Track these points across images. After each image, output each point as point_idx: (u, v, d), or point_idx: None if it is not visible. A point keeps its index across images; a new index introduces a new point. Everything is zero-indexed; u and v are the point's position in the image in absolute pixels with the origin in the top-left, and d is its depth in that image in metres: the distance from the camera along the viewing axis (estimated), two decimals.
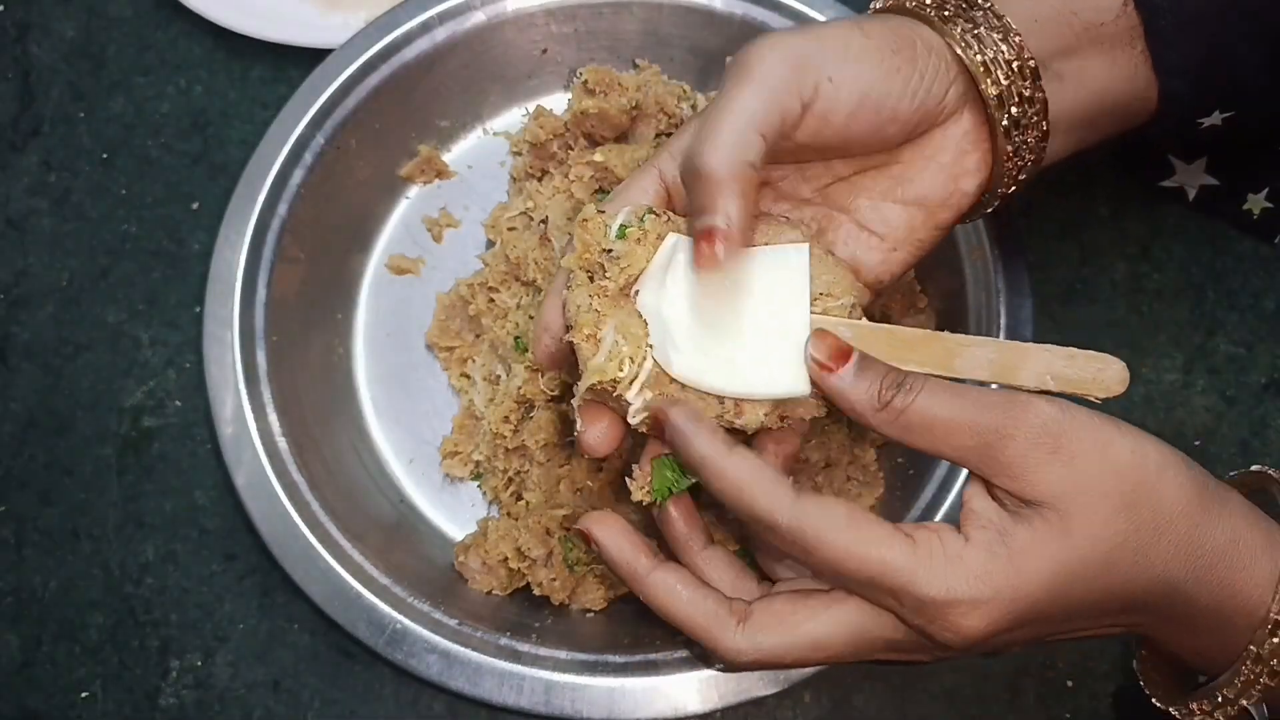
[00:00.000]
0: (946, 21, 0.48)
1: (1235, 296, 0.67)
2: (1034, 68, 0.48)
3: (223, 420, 0.59)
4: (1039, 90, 0.48)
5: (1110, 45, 0.50)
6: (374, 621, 0.56)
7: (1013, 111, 0.48)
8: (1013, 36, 0.48)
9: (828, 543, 0.42)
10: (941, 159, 0.49)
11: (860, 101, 0.46)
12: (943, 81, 0.48)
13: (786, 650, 0.44)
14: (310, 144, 0.64)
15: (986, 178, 0.50)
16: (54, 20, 0.74)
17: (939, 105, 0.48)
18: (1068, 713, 0.60)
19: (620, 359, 0.45)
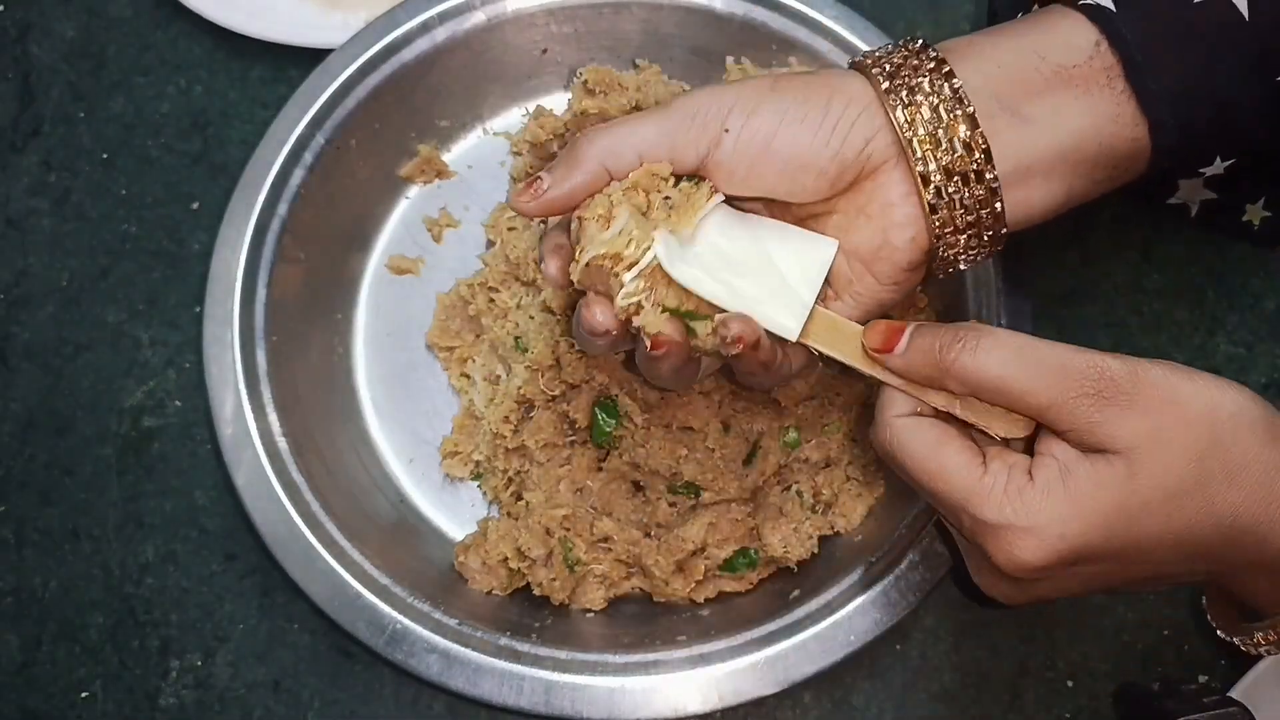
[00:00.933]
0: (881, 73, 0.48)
1: (1235, 297, 0.67)
2: (971, 113, 0.47)
3: (223, 420, 0.59)
4: (978, 135, 0.47)
5: (1085, 87, 0.48)
6: (374, 621, 0.56)
7: (943, 160, 0.47)
8: (951, 81, 0.47)
9: (908, 451, 0.45)
10: (869, 210, 0.48)
11: (763, 149, 0.47)
12: (863, 130, 0.47)
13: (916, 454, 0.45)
14: (310, 144, 0.64)
15: (923, 229, 0.48)
16: (54, 20, 0.74)
17: (859, 155, 0.47)
18: (1068, 713, 0.60)
19: (629, 238, 0.46)
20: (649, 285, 0.46)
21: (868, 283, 0.49)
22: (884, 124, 0.47)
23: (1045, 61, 0.48)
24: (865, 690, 0.60)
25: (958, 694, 0.60)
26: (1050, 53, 0.48)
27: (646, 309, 0.46)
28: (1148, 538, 0.43)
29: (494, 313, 0.64)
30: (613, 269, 0.45)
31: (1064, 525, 0.42)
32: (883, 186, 0.48)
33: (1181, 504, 0.42)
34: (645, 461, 0.59)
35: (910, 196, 0.48)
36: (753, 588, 0.60)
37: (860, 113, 0.47)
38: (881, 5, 0.72)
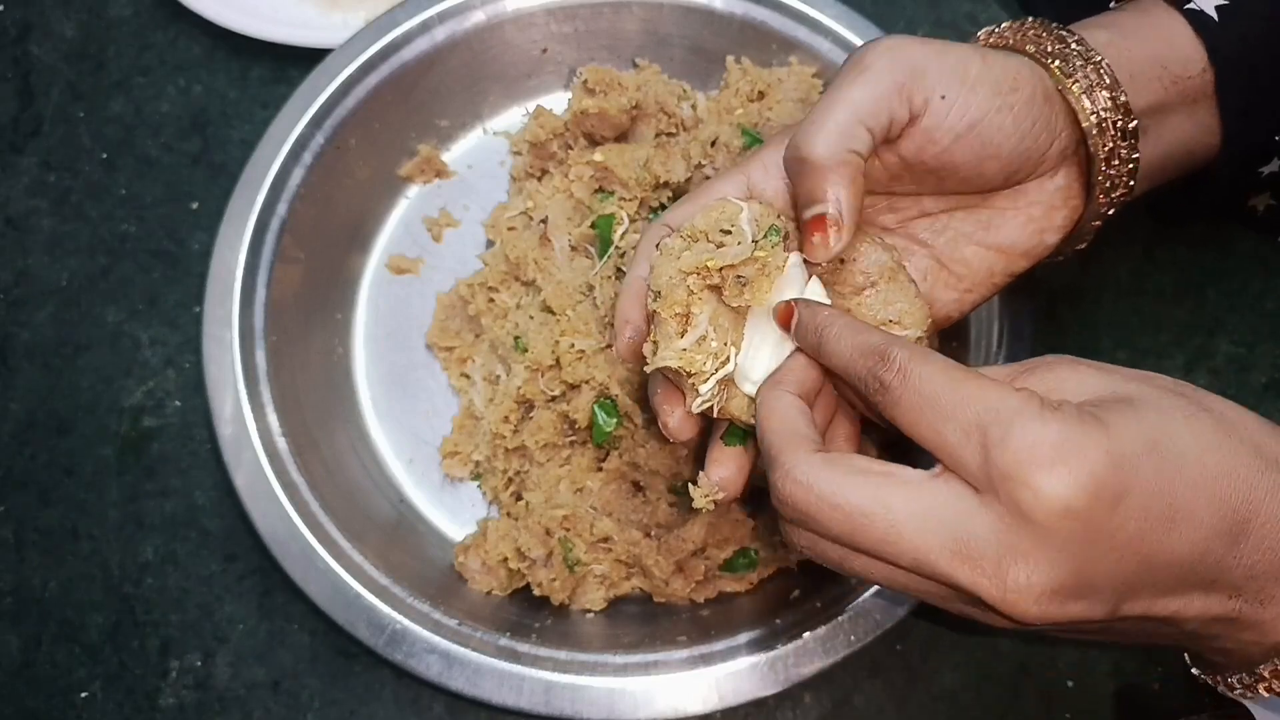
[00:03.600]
0: (1068, 77, 0.48)
1: (1236, 297, 0.66)
2: (1134, 129, 0.48)
3: (222, 420, 0.59)
4: (1135, 151, 0.48)
5: (1194, 99, 0.50)
6: (374, 622, 0.56)
7: (1110, 172, 0.48)
8: (1119, 95, 0.48)
9: (927, 379, 0.39)
10: (1033, 211, 0.50)
11: (969, 128, 0.46)
12: (1050, 132, 0.47)
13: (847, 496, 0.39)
14: (310, 144, 0.64)
15: (1069, 233, 0.50)
16: (54, 20, 0.74)
17: (1041, 155, 0.48)
18: (1068, 713, 0.60)
19: (708, 353, 0.45)
20: (722, 389, 0.46)
21: (1004, 275, 0.50)
22: (1065, 126, 0.48)
23: (1166, 72, 0.50)
24: (866, 690, 0.60)
25: (958, 694, 0.60)
26: (1171, 64, 0.50)
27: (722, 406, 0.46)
28: (1186, 478, 0.38)
29: (494, 313, 0.64)
30: (689, 379, 0.45)
31: (1110, 444, 0.37)
32: (1047, 189, 0.49)
33: (1207, 445, 0.38)
34: (645, 461, 0.59)
35: (1071, 202, 0.49)
36: (753, 588, 0.60)
37: (1053, 114, 0.47)
38: (881, 5, 0.72)
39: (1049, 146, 0.48)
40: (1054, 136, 0.48)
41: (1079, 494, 0.36)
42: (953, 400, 0.38)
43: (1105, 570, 0.38)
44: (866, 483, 0.39)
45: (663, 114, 0.65)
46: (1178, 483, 0.38)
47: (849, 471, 0.40)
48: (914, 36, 0.47)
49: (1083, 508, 0.36)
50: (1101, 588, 0.38)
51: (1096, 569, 0.38)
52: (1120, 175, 0.49)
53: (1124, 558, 0.38)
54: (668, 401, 0.47)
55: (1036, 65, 0.48)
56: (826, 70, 0.65)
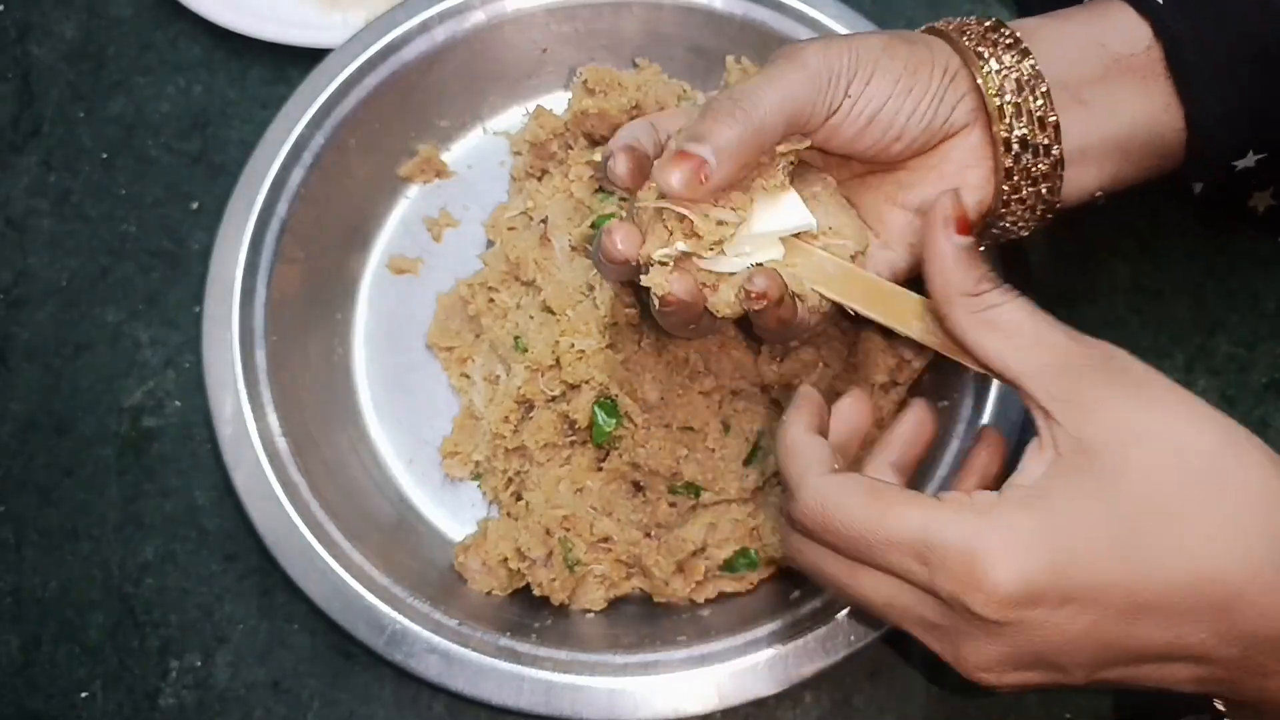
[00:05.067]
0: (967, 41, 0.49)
1: (1236, 296, 0.66)
2: (1045, 90, 0.48)
3: (222, 420, 0.59)
4: (1050, 111, 0.48)
5: (1141, 75, 0.50)
6: (374, 622, 0.56)
7: (1019, 129, 0.49)
8: (1027, 60, 0.49)
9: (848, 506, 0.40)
10: (945, 170, 0.50)
11: (869, 120, 0.48)
12: (950, 100, 0.49)
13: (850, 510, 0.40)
14: (310, 144, 0.64)
15: (989, 196, 0.50)
16: (54, 20, 0.74)
17: (944, 123, 0.49)
18: (1068, 713, 0.60)
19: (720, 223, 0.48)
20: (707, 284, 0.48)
21: (916, 234, 0.51)
22: (968, 90, 0.49)
23: (1105, 49, 0.50)
24: (866, 690, 0.60)
25: (958, 694, 0.60)
26: (1110, 42, 0.50)
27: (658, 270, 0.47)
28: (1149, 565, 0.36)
29: (494, 313, 0.64)
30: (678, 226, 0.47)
31: (1044, 536, 0.36)
32: (959, 149, 0.50)
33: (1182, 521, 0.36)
34: (645, 461, 0.59)
35: (985, 161, 0.50)
36: (753, 588, 0.60)
37: (951, 81, 0.49)
38: (881, 5, 0.72)
39: (950, 113, 0.49)
40: (955, 102, 0.49)
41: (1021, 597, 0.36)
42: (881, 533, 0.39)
43: (1065, 654, 0.38)
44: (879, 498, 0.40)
45: None
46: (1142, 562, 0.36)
47: (859, 487, 0.41)
48: (832, 38, 0.50)
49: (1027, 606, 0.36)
50: (1065, 666, 0.39)
51: (1053, 652, 0.38)
52: (1035, 134, 0.49)
53: (1083, 645, 0.38)
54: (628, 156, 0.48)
55: (944, 44, 0.50)
56: None
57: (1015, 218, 0.51)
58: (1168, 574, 0.36)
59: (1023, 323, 0.41)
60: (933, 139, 0.50)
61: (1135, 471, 0.37)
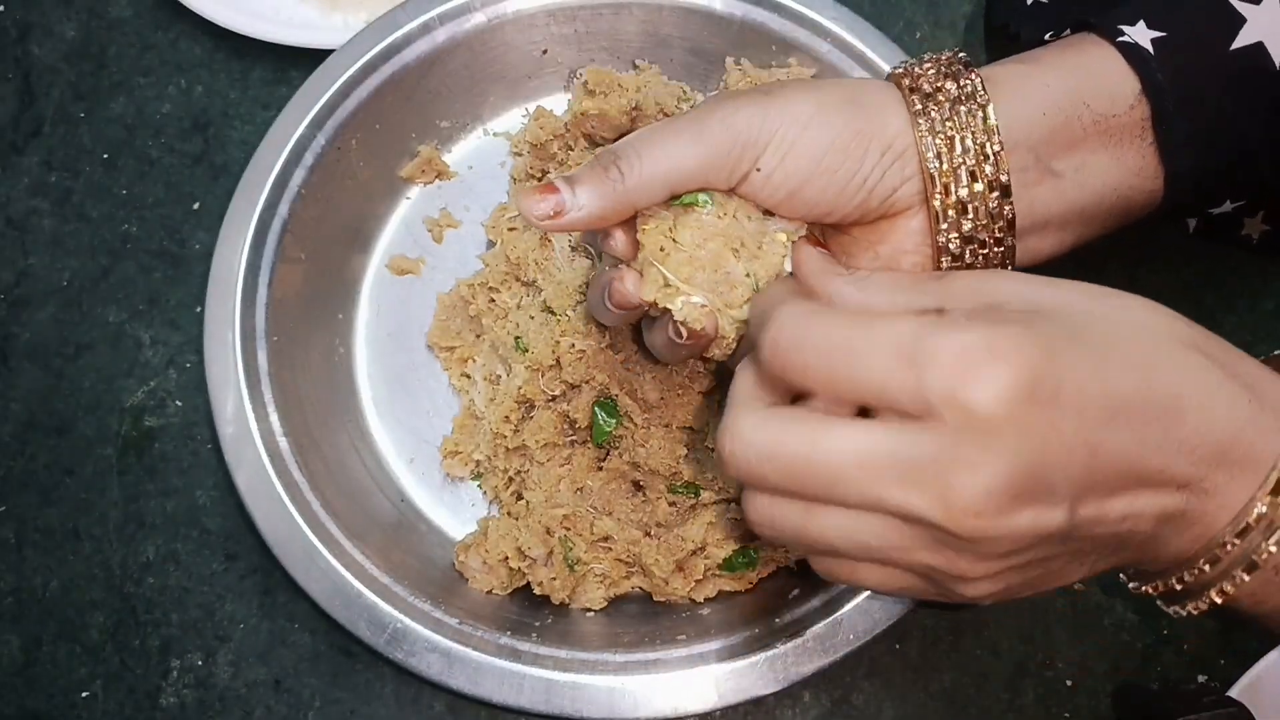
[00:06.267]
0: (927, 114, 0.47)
1: (1233, 298, 0.67)
2: (1005, 183, 0.47)
3: (224, 420, 0.59)
4: (1006, 204, 0.47)
5: (1119, 139, 0.48)
6: (375, 621, 0.56)
7: (964, 226, 0.47)
8: (993, 144, 0.46)
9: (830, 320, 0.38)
10: (880, 250, 0.49)
11: (789, 195, 0.47)
12: (891, 181, 0.47)
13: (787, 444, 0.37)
14: (311, 144, 0.64)
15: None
16: (55, 21, 0.74)
17: (884, 203, 0.47)
18: (1067, 713, 0.60)
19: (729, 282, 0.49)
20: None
21: None
22: (915, 173, 0.47)
23: (1089, 110, 0.48)
24: (865, 689, 0.60)
25: (957, 694, 0.60)
26: (1095, 101, 0.48)
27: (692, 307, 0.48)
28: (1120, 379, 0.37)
29: (494, 313, 0.64)
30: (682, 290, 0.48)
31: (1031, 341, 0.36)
32: (899, 232, 0.48)
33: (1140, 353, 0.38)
34: (645, 461, 0.59)
35: (923, 248, 0.48)
36: (752, 587, 0.60)
37: (894, 161, 0.47)
38: (881, 6, 0.72)
39: (890, 195, 0.47)
40: (899, 184, 0.47)
41: (1019, 387, 0.35)
42: (867, 342, 0.37)
43: (1056, 465, 0.36)
44: (806, 428, 0.37)
45: (662, 115, 0.66)
46: (1109, 369, 0.37)
47: (789, 420, 0.38)
48: (756, 93, 0.47)
49: (1025, 400, 0.35)
50: (1054, 487, 0.37)
51: (1047, 464, 0.36)
52: (990, 230, 0.47)
53: (1072, 450, 0.37)
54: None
55: (899, 106, 0.47)
56: (825, 72, 0.65)
57: None
58: (1134, 386, 0.38)
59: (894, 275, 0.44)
60: (869, 215, 0.48)
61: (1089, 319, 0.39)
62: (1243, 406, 0.40)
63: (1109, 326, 0.39)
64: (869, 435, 0.37)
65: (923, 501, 0.36)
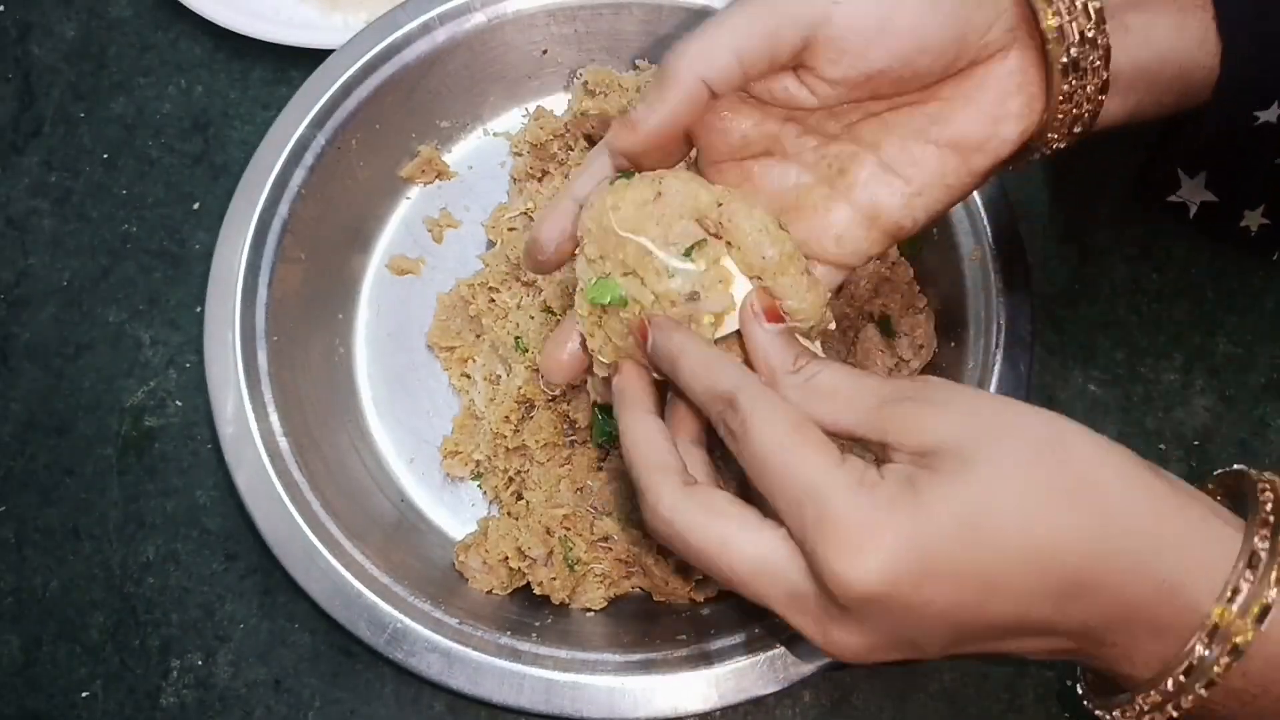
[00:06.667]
0: None
1: (1235, 297, 0.67)
2: (1099, 9, 0.44)
3: (224, 420, 0.59)
4: (1102, 34, 0.45)
5: (1180, 6, 0.49)
6: (375, 621, 0.56)
7: (1072, 53, 0.44)
8: None
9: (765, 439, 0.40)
10: (982, 99, 0.45)
11: (879, 28, 0.43)
12: (987, 11, 0.44)
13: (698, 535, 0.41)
14: (311, 144, 0.64)
15: (1034, 124, 0.46)
16: (55, 21, 0.74)
17: (981, 38, 0.44)
18: (1067, 713, 0.60)
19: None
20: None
21: (962, 176, 0.46)
22: (1008, 5, 0.44)
23: None
24: (865, 689, 0.60)
25: (957, 694, 0.60)
26: None
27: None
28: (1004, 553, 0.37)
29: (494, 313, 0.64)
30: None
31: (916, 528, 0.37)
32: (996, 75, 0.45)
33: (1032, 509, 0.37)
34: None
35: (1026, 87, 0.45)
36: None
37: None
38: None
39: (988, 27, 0.44)
40: (995, 15, 0.44)
41: (876, 580, 0.37)
42: (781, 469, 0.39)
43: (921, 635, 0.39)
44: (719, 526, 0.41)
45: None
46: (996, 558, 0.37)
47: (707, 512, 0.41)
48: None
49: (881, 593, 0.37)
50: (922, 645, 0.39)
51: (911, 635, 0.39)
52: (1088, 58, 0.45)
53: (936, 627, 0.38)
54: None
55: None
56: None
57: (1046, 141, 0.47)
58: (1015, 555, 0.37)
59: (839, 382, 0.42)
60: (964, 55, 0.44)
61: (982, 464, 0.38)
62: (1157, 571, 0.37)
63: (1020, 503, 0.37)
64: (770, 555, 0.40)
65: (804, 626, 0.40)
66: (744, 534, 0.40)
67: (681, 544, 0.41)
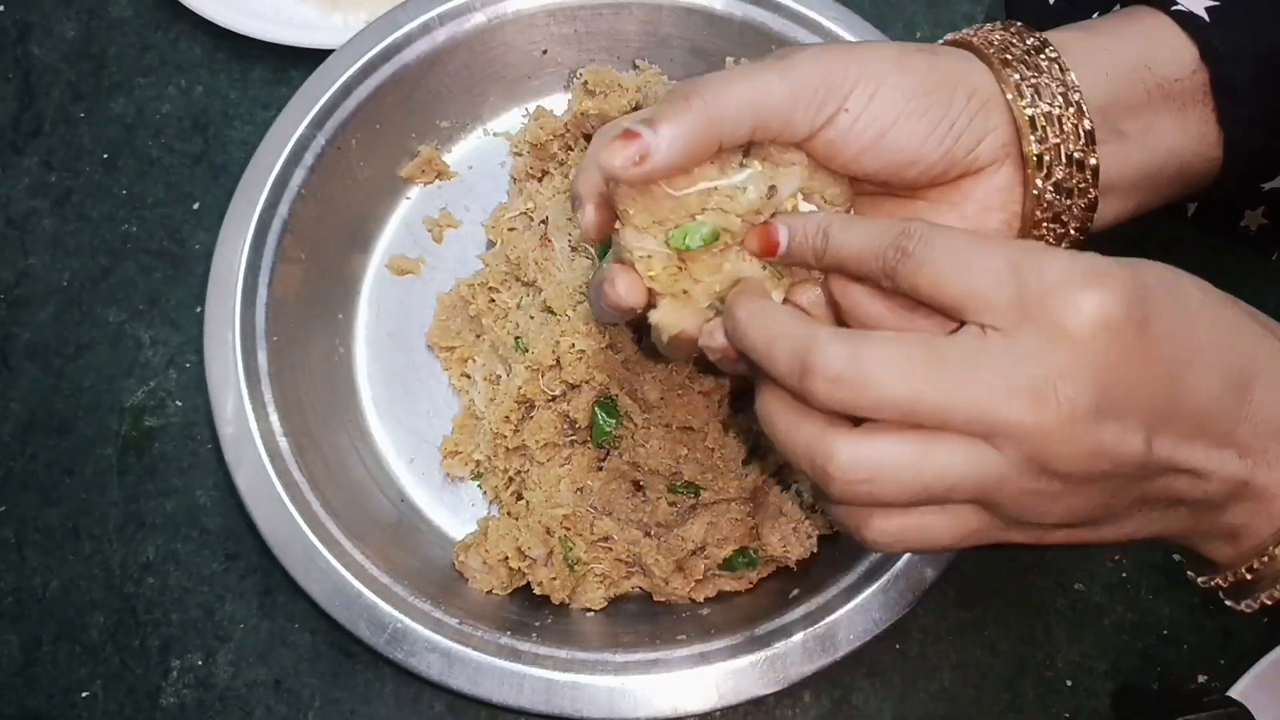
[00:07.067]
0: (1006, 65, 0.46)
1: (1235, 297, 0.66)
2: (1089, 130, 0.46)
3: (224, 420, 0.59)
4: (1092, 154, 0.46)
5: (1182, 104, 0.48)
6: (375, 621, 0.56)
7: (1057, 174, 0.46)
8: (1072, 93, 0.46)
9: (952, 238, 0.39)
10: (965, 208, 0.47)
11: (875, 139, 0.44)
12: (977, 130, 0.45)
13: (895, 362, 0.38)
14: (311, 144, 0.64)
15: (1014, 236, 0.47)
16: (55, 21, 0.74)
17: (969, 154, 0.46)
18: (1067, 713, 0.60)
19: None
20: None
21: None
22: (1000, 123, 0.45)
23: (1151, 73, 0.47)
24: (864, 689, 0.60)
25: (957, 693, 0.60)
26: (1156, 64, 0.47)
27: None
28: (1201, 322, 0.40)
29: (494, 313, 0.64)
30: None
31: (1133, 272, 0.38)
32: (982, 188, 0.47)
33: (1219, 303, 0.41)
34: (645, 461, 0.59)
35: (1010, 205, 0.47)
36: (752, 587, 0.60)
37: (979, 109, 0.45)
38: (881, 6, 0.72)
39: (976, 145, 0.45)
40: (985, 133, 0.45)
41: (1115, 309, 0.37)
42: (981, 251, 0.39)
43: (1138, 388, 0.38)
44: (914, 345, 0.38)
45: None
46: (1194, 323, 0.40)
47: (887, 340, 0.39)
48: (835, 44, 0.46)
49: (1118, 322, 0.37)
50: (1136, 409, 0.38)
51: (1131, 386, 0.38)
52: (1073, 179, 0.46)
53: (1155, 378, 0.38)
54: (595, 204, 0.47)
55: (976, 62, 0.46)
56: None
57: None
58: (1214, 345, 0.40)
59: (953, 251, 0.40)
60: (954, 169, 0.46)
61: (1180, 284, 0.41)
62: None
63: (1196, 289, 0.41)
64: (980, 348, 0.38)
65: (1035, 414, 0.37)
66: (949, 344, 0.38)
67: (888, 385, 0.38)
